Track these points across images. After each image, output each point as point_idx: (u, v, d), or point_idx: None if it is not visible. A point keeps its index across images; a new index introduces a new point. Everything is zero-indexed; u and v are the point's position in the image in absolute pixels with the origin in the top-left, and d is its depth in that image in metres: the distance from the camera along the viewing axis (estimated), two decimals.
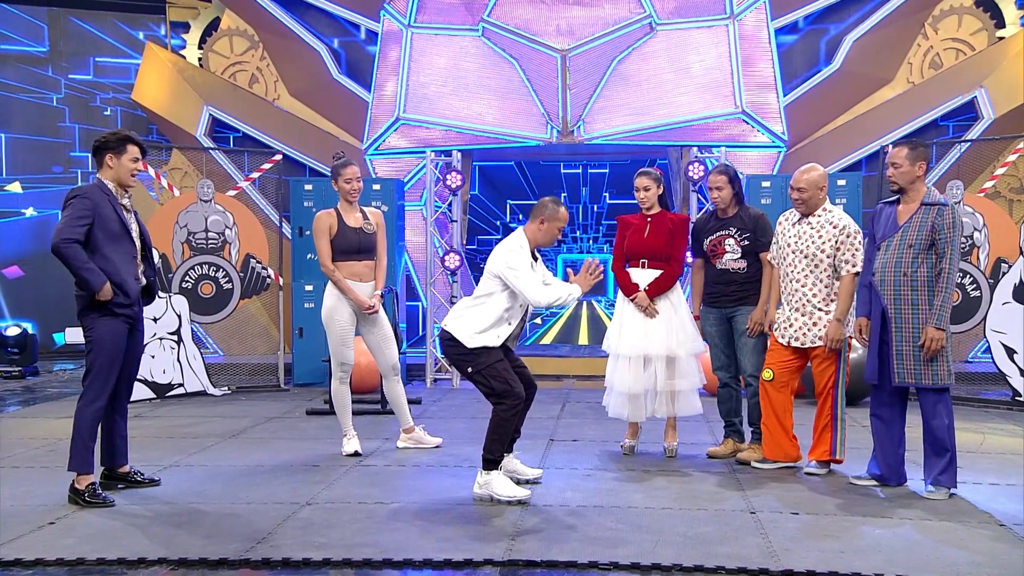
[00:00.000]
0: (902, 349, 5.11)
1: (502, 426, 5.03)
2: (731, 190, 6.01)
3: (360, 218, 6.31)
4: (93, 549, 4.21)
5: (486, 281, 5.18)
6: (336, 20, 12.04)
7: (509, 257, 5.09)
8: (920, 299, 5.07)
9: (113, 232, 5.07)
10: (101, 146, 5.17)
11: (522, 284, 5.01)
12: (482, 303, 5.13)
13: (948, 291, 5.03)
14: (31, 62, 12.76)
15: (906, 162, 5.13)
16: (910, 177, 5.15)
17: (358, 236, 6.23)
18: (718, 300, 6.06)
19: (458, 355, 5.12)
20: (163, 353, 8.74)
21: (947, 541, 4.35)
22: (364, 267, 6.30)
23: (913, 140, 5.33)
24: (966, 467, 5.73)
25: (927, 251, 5.06)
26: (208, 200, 9.50)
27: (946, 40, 11.04)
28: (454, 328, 5.11)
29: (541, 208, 5.20)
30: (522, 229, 5.23)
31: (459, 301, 5.42)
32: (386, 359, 6.42)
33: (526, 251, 5.14)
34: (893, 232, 5.15)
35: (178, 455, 6.25)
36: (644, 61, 10.75)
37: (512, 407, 5.02)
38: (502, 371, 5.04)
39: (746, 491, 5.24)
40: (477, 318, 5.09)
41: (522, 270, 5.03)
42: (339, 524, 4.59)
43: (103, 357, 5.07)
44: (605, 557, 4.07)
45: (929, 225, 5.05)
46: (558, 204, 5.25)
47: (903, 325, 5.10)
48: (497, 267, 5.10)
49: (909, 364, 5.09)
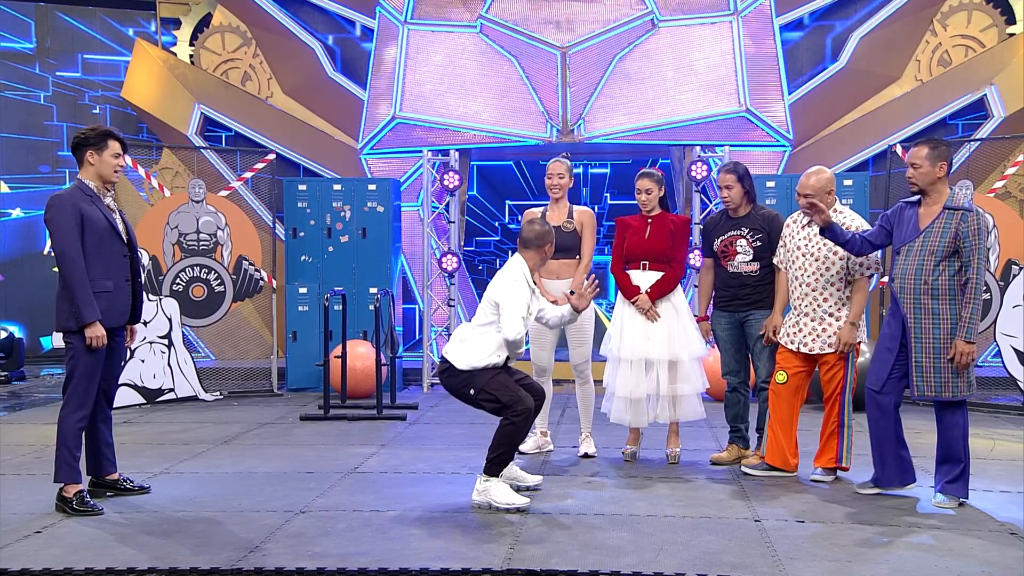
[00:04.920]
0: (922, 361, 4.95)
1: (513, 435, 5.03)
2: (741, 189, 5.90)
3: (563, 216, 6.21)
4: (81, 559, 4.16)
5: (486, 310, 5.18)
6: (331, 16, 11.96)
7: (507, 290, 5.13)
8: (942, 309, 4.90)
9: (101, 233, 5.03)
10: (81, 143, 5.10)
11: (505, 321, 5.05)
12: (483, 332, 5.15)
13: (976, 302, 4.88)
14: (17, 59, 12.63)
15: (926, 162, 4.97)
16: (930, 178, 4.99)
17: (555, 234, 6.06)
18: (730, 303, 5.95)
19: (457, 384, 5.14)
20: (153, 358, 8.65)
21: (956, 550, 4.29)
22: (560, 265, 6.20)
23: (934, 139, 5.13)
24: (976, 474, 5.68)
25: (949, 258, 4.90)
26: (199, 201, 9.39)
27: (955, 37, 10.95)
28: (454, 358, 5.14)
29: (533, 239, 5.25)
30: (520, 257, 5.27)
31: (459, 328, 5.41)
32: (571, 359, 6.32)
33: (524, 283, 5.19)
34: (914, 237, 4.99)
35: (168, 462, 6.19)
36: (646, 58, 10.67)
37: (522, 414, 5.00)
38: (504, 382, 5.06)
39: (751, 499, 5.18)
40: (479, 348, 5.11)
41: (513, 308, 5.06)
42: (334, 532, 4.56)
43: (84, 363, 4.98)
44: (606, 566, 4.02)
45: (952, 232, 4.88)
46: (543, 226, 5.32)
47: (923, 336, 4.94)
48: (494, 295, 5.15)
49: (930, 377, 4.93)
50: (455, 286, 10.00)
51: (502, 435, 5.01)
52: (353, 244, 9.72)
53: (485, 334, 5.13)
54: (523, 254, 5.28)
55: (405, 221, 10.62)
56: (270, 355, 9.87)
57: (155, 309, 8.64)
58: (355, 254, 9.73)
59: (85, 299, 4.90)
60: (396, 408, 8.32)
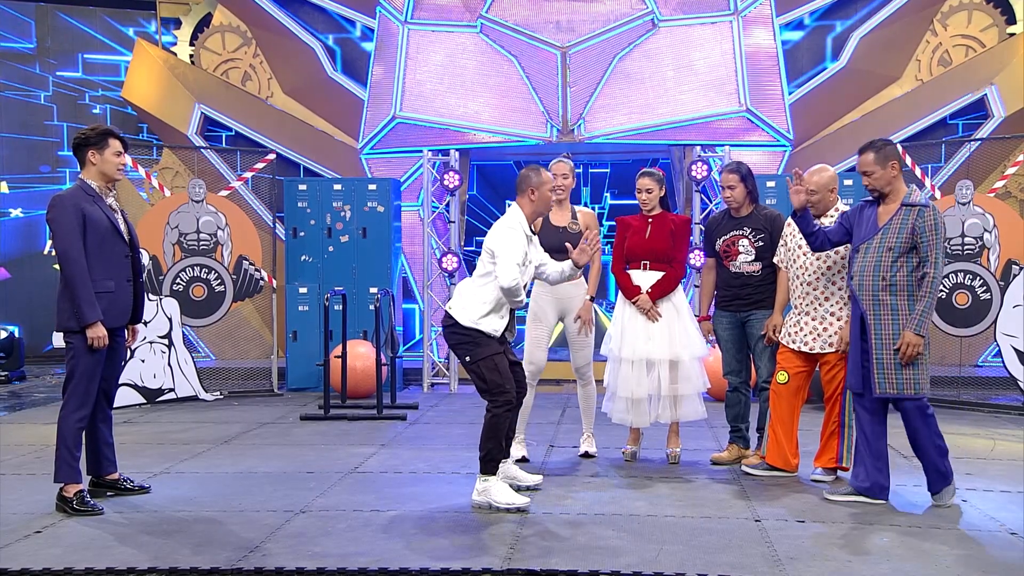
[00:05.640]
0: (883, 358, 4.89)
1: (496, 427, 4.98)
2: (743, 188, 5.90)
3: (567, 217, 6.14)
4: (81, 559, 4.14)
5: (484, 259, 5.15)
6: (331, 16, 11.95)
7: (501, 237, 5.07)
8: (900, 304, 4.85)
9: (103, 233, 5.02)
10: (82, 143, 5.09)
11: (500, 268, 4.98)
12: (484, 284, 5.09)
13: (932, 296, 4.83)
14: (18, 59, 12.61)
15: (876, 167, 4.93)
16: (885, 180, 4.94)
17: (559, 235, 5.98)
18: (731, 303, 5.94)
19: (458, 341, 5.10)
20: (153, 357, 8.64)
21: (956, 550, 4.28)
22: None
23: (877, 141, 5.03)
24: (976, 474, 5.71)
25: (907, 254, 4.86)
26: (200, 200, 9.37)
27: (955, 36, 10.94)
28: (456, 311, 5.09)
29: (525, 181, 5.19)
30: (516, 205, 5.21)
31: (461, 282, 5.39)
32: (573, 361, 6.27)
33: (520, 231, 5.13)
34: (872, 235, 4.95)
35: (168, 462, 6.17)
36: (646, 58, 10.66)
37: (504, 405, 4.98)
38: (499, 366, 5.01)
39: (751, 499, 5.17)
40: (479, 300, 5.06)
41: (508, 255, 5.00)
42: (334, 532, 4.53)
43: (84, 363, 4.96)
44: (606, 566, 4.01)
45: (910, 227, 4.84)
46: (538, 170, 5.24)
47: (883, 332, 4.89)
48: (490, 244, 5.10)
49: (890, 374, 4.88)
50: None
51: (486, 428, 4.97)
52: (353, 244, 9.72)
53: (485, 286, 5.07)
54: (518, 202, 5.23)
55: (405, 221, 10.61)
56: (270, 355, 9.85)
57: (155, 309, 8.62)
58: (355, 254, 9.72)
59: (87, 299, 4.89)
60: (396, 408, 8.31)
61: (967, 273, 8.64)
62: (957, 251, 8.67)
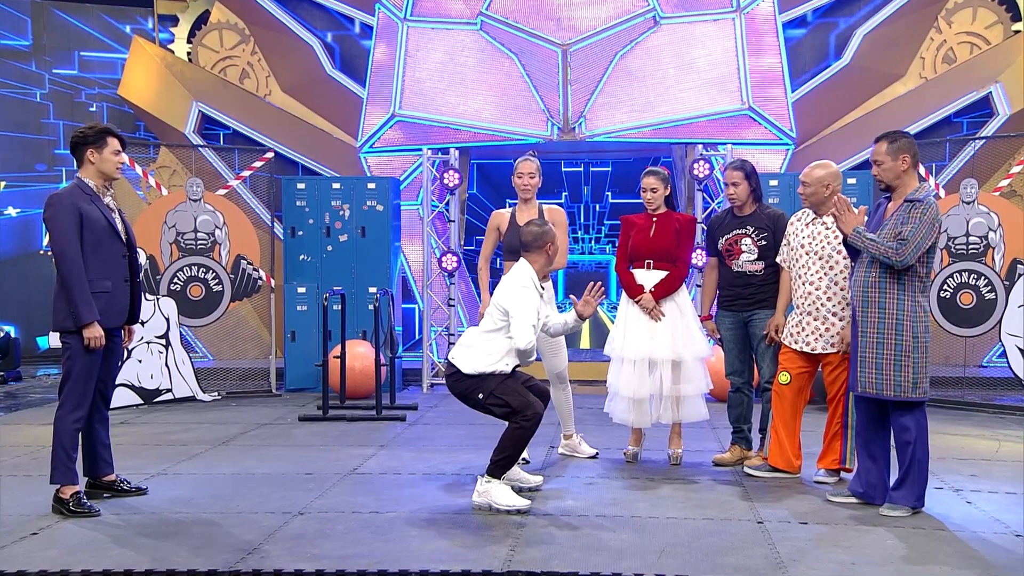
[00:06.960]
0: (865, 356, 4.82)
1: (522, 439, 5.00)
2: (747, 186, 5.87)
3: (533, 215, 6.11)
4: (78, 560, 4.14)
5: (494, 316, 5.12)
6: (330, 13, 11.94)
7: (516, 298, 5.06)
8: (888, 301, 4.76)
9: (100, 233, 5.00)
10: (80, 141, 5.06)
11: (516, 329, 4.99)
12: (491, 338, 5.10)
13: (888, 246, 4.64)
14: (13, 56, 12.56)
15: (887, 158, 4.84)
16: (894, 173, 4.84)
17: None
18: (734, 303, 5.91)
19: (465, 388, 5.09)
20: (150, 358, 8.61)
21: (961, 551, 4.26)
22: None
23: (894, 132, 4.95)
24: (981, 475, 5.71)
25: None
26: (197, 199, 9.33)
27: (960, 34, 10.93)
28: (460, 362, 5.08)
29: (544, 236, 5.21)
30: (526, 261, 5.20)
31: (466, 332, 5.35)
32: (551, 367, 6.21)
33: (533, 290, 5.13)
34: (876, 230, 4.87)
35: (166, 463, 6.15)
36: (648, 56, 10.63)
37: (532, 419, 4.96)
38: (514, 387, 5.01)
39: (753, 500, 5.15)
40: (485, 352, 5.07)
41: (524, 316, 5.00)
42: (332, 534, 4.53)
43: (81, 363, 4.94)
44: (608, 568, 4.00)
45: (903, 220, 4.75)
46: (541, 226, 5.26)
47: (868, 329, 4.82)
48: (503, 302, 5.07)
49: (870, 372, 4.80)
50: (455, 285, 9.95)
51: (510, 438, 4.97)
52: (352, 243, 9.67)
53: (492, 339, 5.08)
54: (527, 258, 5.21)
55: (405, 220, 10.57)
56: (268, 355, 9.82)
57: (152, 309, 8.58)
58: (354, 253, 9.68)
59: (83, 299, 4.86)
60: (395, 409, 8.27)
61: (972, 273, 8.59)
62: (962, 250, 8.62)
